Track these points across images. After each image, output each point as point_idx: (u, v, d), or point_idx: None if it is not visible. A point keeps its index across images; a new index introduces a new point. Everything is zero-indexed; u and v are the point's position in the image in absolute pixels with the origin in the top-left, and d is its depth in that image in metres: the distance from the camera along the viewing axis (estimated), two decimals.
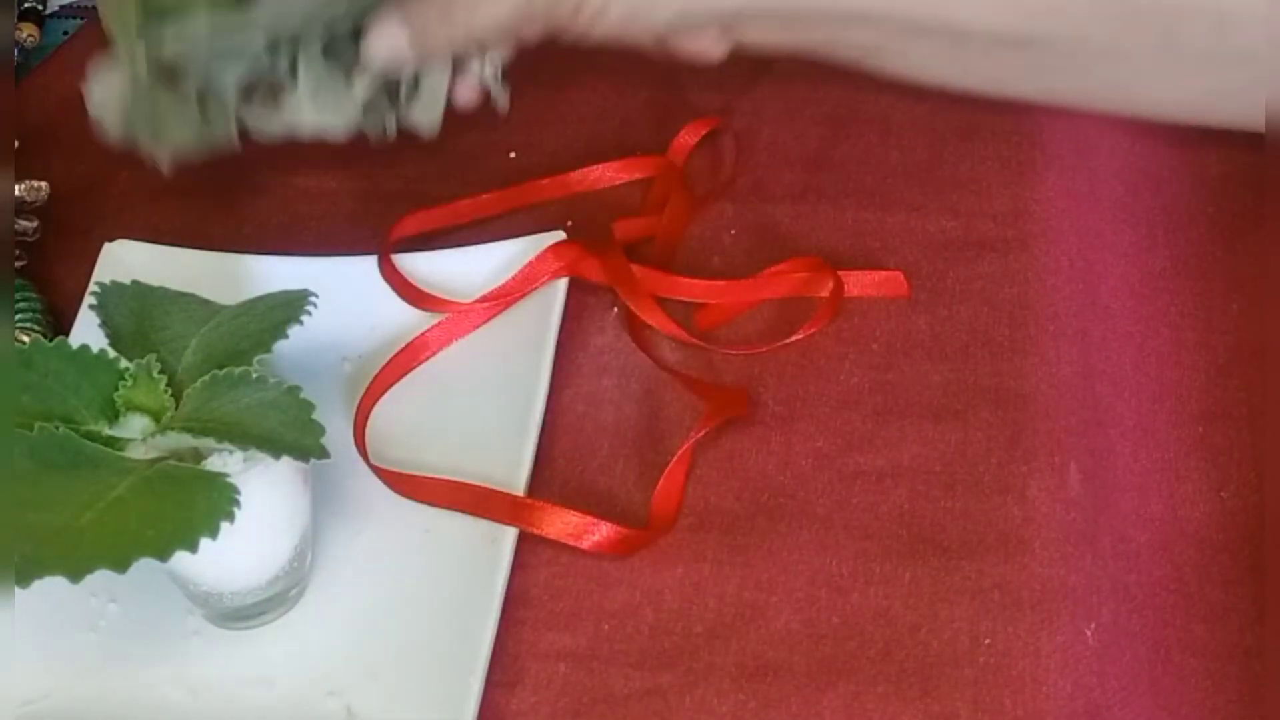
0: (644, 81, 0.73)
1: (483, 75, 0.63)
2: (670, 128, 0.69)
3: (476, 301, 0.63)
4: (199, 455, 0.51)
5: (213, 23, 0.59)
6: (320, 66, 0.61)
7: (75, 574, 0.46)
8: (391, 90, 0.62)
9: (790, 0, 0.57)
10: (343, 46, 0.62)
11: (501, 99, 0.63)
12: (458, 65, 0.62)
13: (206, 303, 0.57)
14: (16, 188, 0.67)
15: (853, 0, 0.56)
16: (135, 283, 0.57)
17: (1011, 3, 0.55)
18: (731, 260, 0.65)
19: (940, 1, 0.56)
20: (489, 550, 0.55)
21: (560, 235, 0.63)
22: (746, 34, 0.59)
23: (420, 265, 0.64)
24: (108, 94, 0.62)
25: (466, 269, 0.63)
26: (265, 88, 0.62)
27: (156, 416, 0.52)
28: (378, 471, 0.58)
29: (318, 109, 0.61)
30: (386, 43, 0.59)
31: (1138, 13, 0.54)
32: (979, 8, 0.56)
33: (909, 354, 0.61)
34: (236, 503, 0.48)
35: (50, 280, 0.68)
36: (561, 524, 0.56)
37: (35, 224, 0.68)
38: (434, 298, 0.63)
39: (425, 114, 0.63)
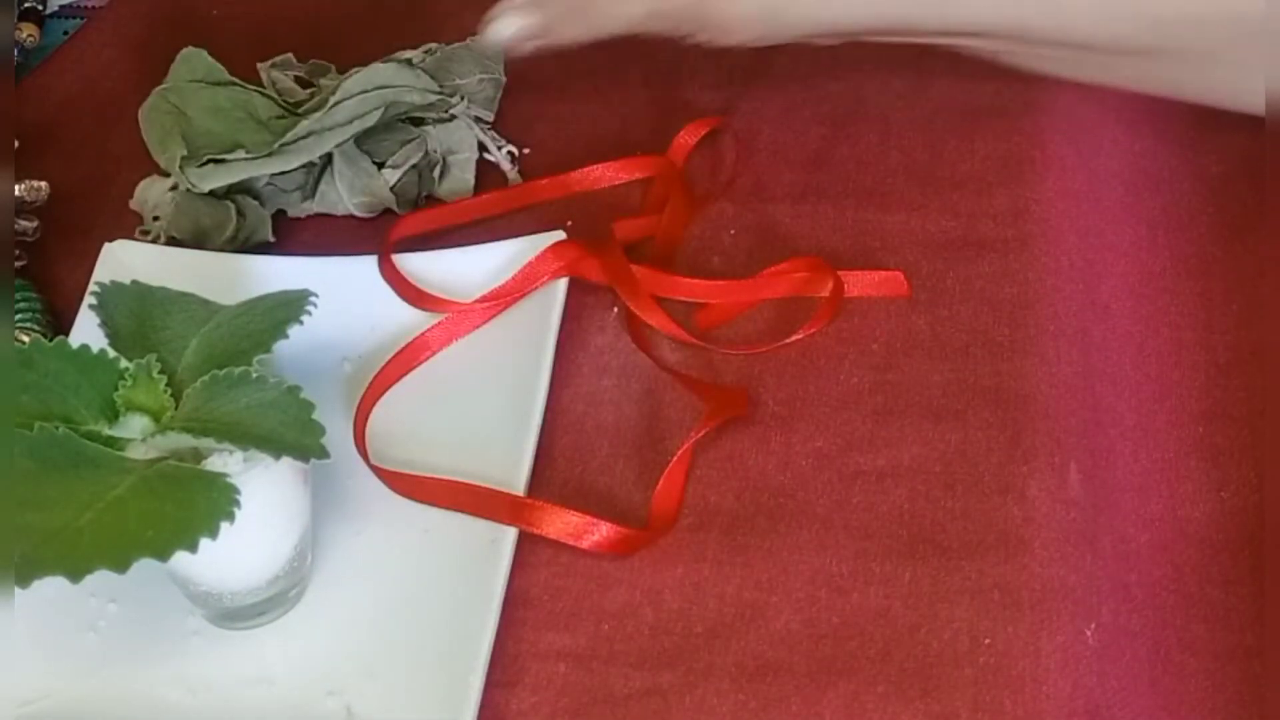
0: (644, 81, 0.73)
1: (499, 159, 0.69)
2: (670, 127, 0.69)
3: (476, 301, 0.63)
4: (199, 455, 0.51)
5: (252, 167, 0.64)
6: (354, 157, 0.66)
7: (75, 574, 0.46)
8: (421, 171, 0.68)
9: (911, 20, 0.57)
10: (374, 138, 0.66)
11: (512, 175, 0.69)
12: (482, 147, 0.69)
13: (206, 303, 0.57)
14: (16, 188, 0.67)
15: (969, 19, 0.57)
16: (135, 283, 0.57)
17: (1137, 16, 0.55)
18: (731, 260, 0.65)
19: (1062, 16, 0.56)
20: (489, 550, 0.55)
21: (560, 235, 0.63)
22: (868, 38, 0.60)
23: (420, 265, 0.64)
24: (149, 195, 0.68)
25: (466, 269, 0.63)
26: (301, 180, 0.68)
27: (156, 416, 0.52)
28: (378, 471, 0.58)
29: (351, 195, 0.67)
30: (514, 26, 0.60)
31: (1260, 27, 0.53)
32: (1102, 23, 0.55)
33: (909, 354, 0.61)
34: (236, 503, 0.48)
35: (50, 280, 0.68)
36: (561, 524, 0.56)
37: (35, 224, 0.68)
38: (434, 298, 0.63)
39: (455, 193, 0.68)
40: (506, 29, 0.60)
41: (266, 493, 0.52)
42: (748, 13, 0.58)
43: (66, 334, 0.62)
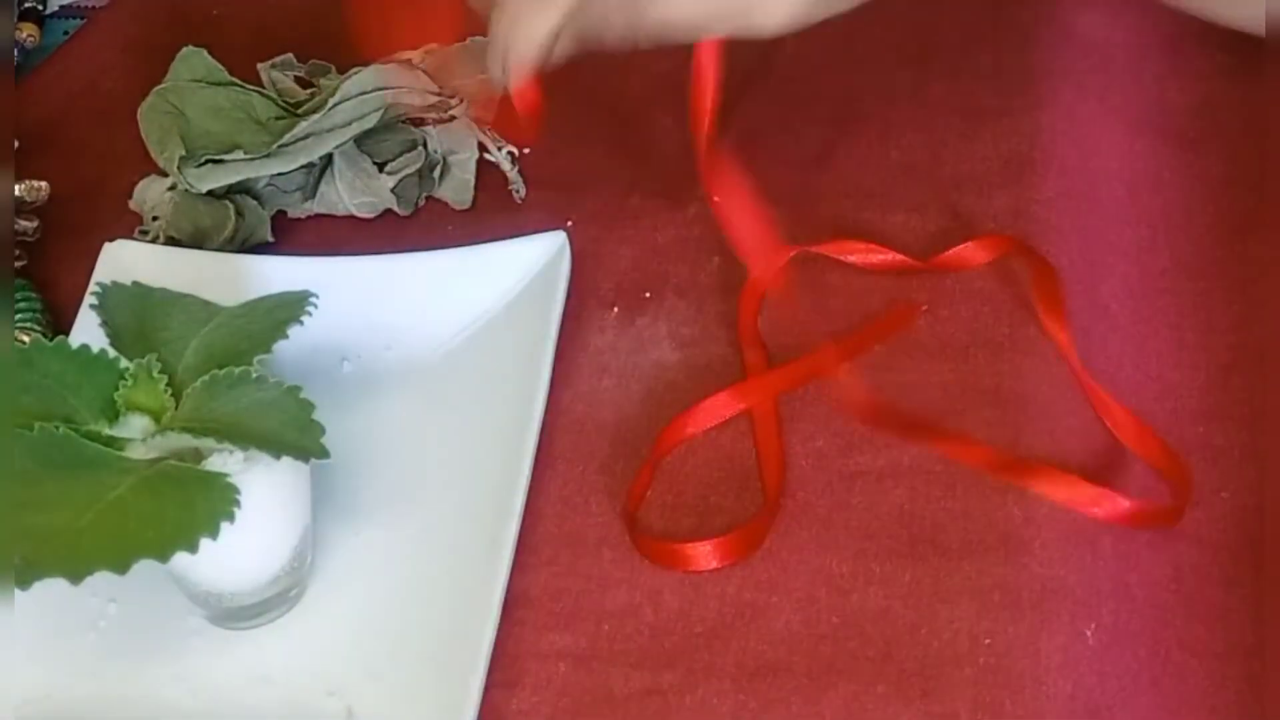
0: (644, 80, 0.73)
1: (499, 160, 0.69)
2: (670, 126, 0.69)
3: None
4: (199, 455, 0.51)
5: (250, 167, 0.64)
6: (354, 158, 0.66)
7: (75, 575, 0.46)
8: (421, 172, 0.68)
9: None
10: (374, 138, 0.66)
11: (519, 185, 0.69)
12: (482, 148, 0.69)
13: (207, 303, 0.57)
14: (16, 188, 0.67)
15: None
16: (136, 283, 0.57)
17: None
18: (731, 260, 0.65)
19: None
20: (489, 550, 0.55)
21: (561, 236, 0.63)
22: None
23: (421, 265, 0.64)
24: (148, 195, 0.68)
25: (467, 268, 0.63)
26: (302, 180, 0.68)
27: (156, 416, 0.52)
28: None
29: (352, 196, 0.67)
30: (545, 30, 0.53)
31: None
32: None
33: (909, 354, 0.61)
34: (236, 503, 0.48)
35: (50, 280, 0.68)
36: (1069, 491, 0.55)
37: (35, 224, 0.68)
38: None
39: (457, 193, 0.69)
40: (538, 33, 0.54)
41: (266, 493, 0.52)
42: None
43: (66, 334, 0.62)
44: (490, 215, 0.68)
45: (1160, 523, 0.55)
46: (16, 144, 0.69)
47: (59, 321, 0.65)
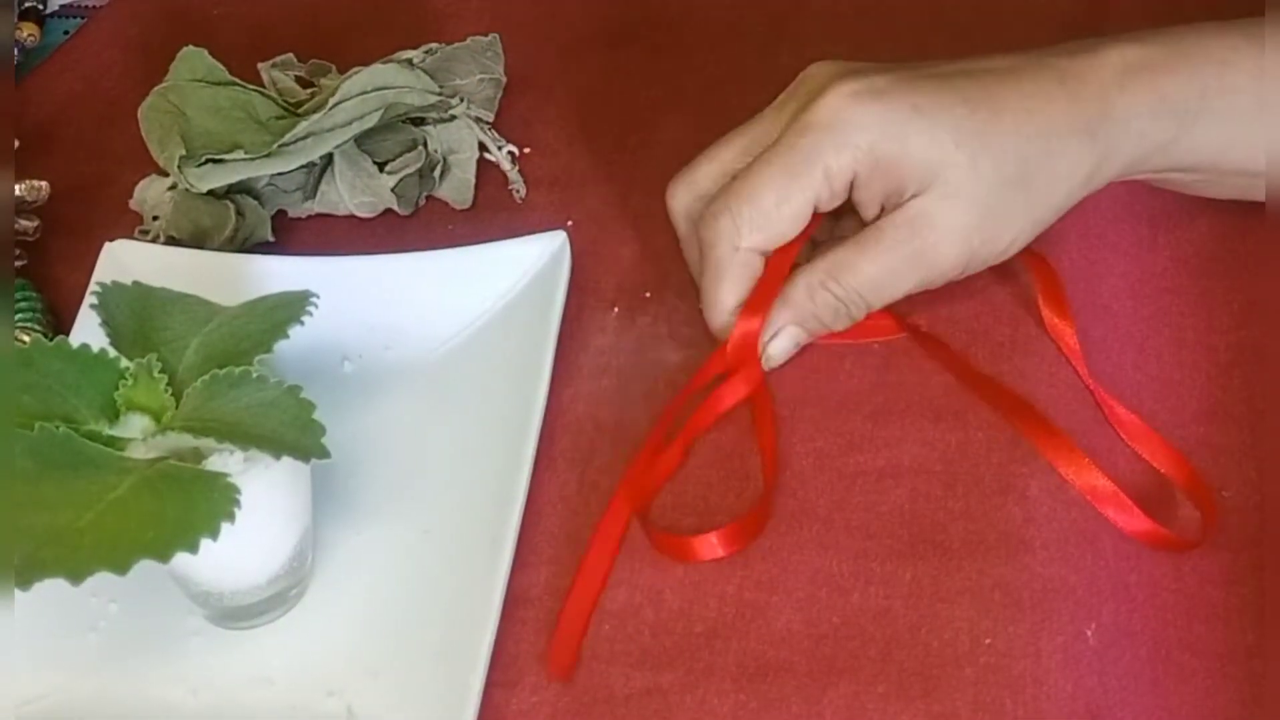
0: (643, 81, 0.73)
1: (499, 159, 0.69)
2: (670, 126, 0.69)
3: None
4: (199, 455, 0.51)
5: (250, 167, 0.64)
6: (355, 158, 0.66)
7: (75, 576, 0.46)
8: (422, 171, 0.68)
9: (1132, 167, 0.58)
10: (375, 138, 0.68)
11: (519, 185, 0.69)
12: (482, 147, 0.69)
13: (207, 303, 0.57)
14: (16, 187, 0.67)
15: (1184, 157, 0.58)
16: (136, 283, 0.57)
17: None
18: None
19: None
20: (489, 550, 0.55)
21: (561, 235, 0.63)
22: None
23: (421, 265, 0.64)
24: (148, 195, 0.68)
25: (467, 268, 0.63)
26: (302, 180, 0.68)
27: (157, 416, 0.52)
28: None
29: (352, 196, 0.67)
30: (788, 343, 0.60)
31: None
32: None
33: (909, 354, 0.61)
34: (237, 503, 0.48)
35: (50, 280, 0.68)
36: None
37: (35, 224, 0.68)
38: None
39: (457, 193, 0.69)
40: (780, 346, 0.60)
41: (267, 492, 0.52)
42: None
43: (67, 333, 0.62)
44: (490, 215, 0.68)
45: (1177, 548, 0.55)
46: (16, 144, 0.69)
47: (59, 321, 0.65)
